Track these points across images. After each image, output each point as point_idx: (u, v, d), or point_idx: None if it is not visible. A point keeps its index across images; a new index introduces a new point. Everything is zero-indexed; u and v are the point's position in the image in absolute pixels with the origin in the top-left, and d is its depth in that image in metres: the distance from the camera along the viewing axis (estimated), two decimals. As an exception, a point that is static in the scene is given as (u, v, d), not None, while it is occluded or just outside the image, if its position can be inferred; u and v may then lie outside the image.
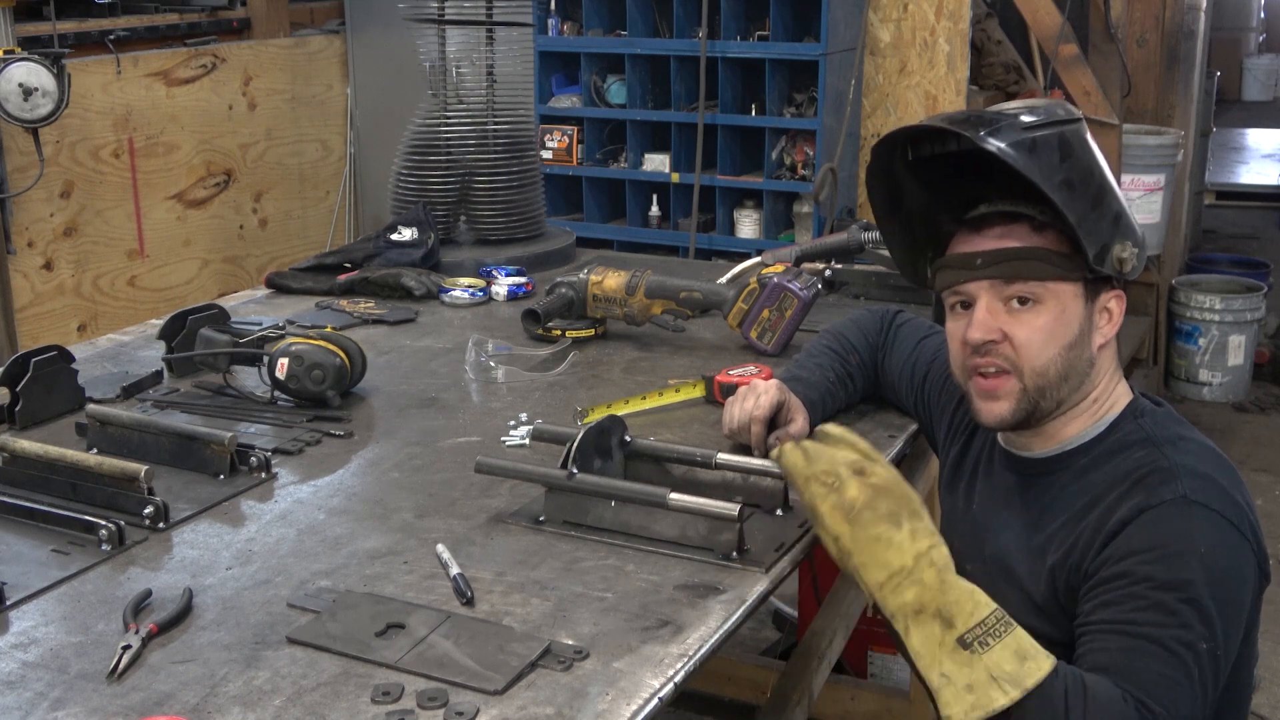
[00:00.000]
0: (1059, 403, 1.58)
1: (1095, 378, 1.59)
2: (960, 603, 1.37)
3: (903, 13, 4.67)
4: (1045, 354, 1.55)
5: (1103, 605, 1.45)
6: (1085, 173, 1.53)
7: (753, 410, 1.85)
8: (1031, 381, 1.56)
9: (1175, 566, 1.41)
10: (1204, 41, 5.96)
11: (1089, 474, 1.57)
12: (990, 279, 1.55)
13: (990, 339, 1.56)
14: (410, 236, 2.89)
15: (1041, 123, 1.53)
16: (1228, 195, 8.91)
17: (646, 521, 1.62)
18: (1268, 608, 1.58)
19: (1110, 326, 1.59)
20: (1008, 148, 1.49)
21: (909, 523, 1.40)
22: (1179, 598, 1.40)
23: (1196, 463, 1.50)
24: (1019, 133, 1.51)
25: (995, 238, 1.56)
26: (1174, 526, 1.44)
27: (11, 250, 4.45)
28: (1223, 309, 5.45)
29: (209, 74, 5.14)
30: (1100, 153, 1.59)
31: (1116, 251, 1.53)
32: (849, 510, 1.41)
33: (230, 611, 1.46)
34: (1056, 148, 1.52)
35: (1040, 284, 1.53)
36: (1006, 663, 1.35)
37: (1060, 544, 1.55)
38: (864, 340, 2.02)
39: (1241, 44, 13.14)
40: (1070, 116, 1.56)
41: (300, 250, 5.47)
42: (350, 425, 2.02)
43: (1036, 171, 1.49)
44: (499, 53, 3.04)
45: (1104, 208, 1.54)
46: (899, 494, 1.42)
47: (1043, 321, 1.54)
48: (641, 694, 1.28)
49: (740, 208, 4.86)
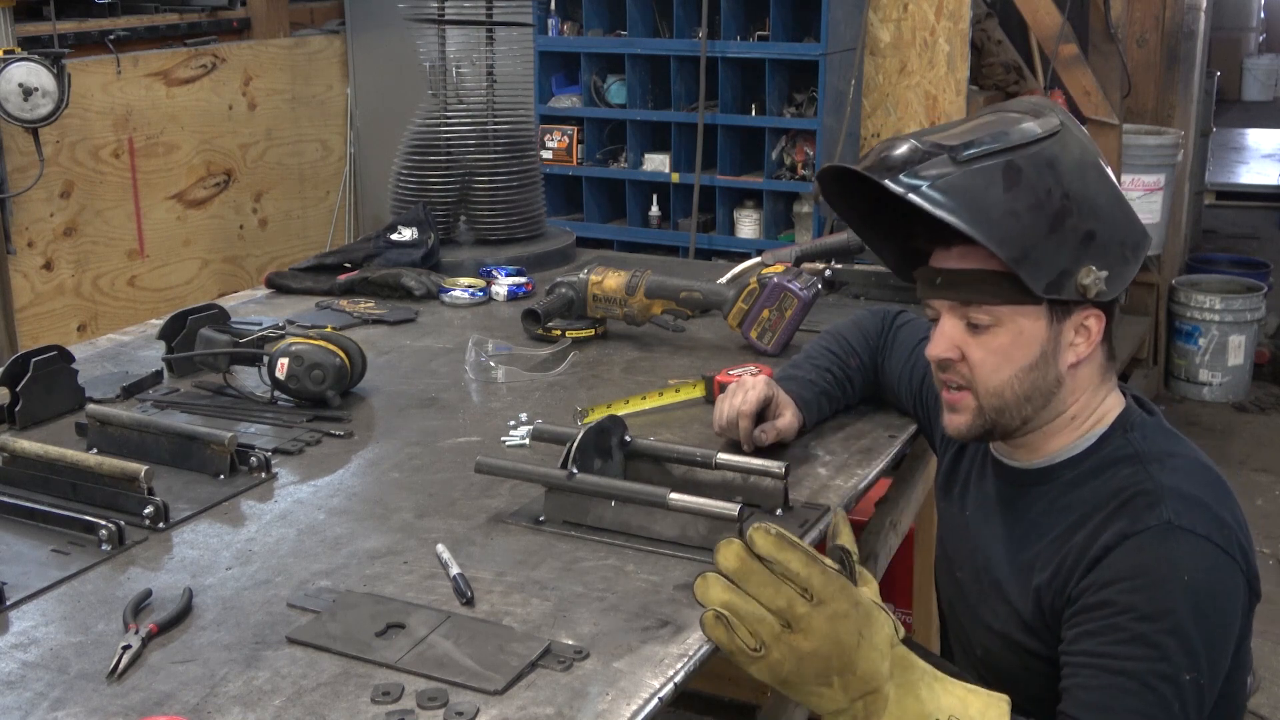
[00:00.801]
0: (1024, 420, 1.56)
1: (1068, 396, 1.56)
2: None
3: (903, 13, 4.67)
4: (999, 376, 1.53)
5: (1085, 635, 1.44)
6: (1040, 198, 1.47)
7: (740, 405, 1.86)
8: (987, 401, 1.55)
9: (1157, 596, 1.40)
10: (1204, 41, 5.96)
11: (1075, 490, 1.55)
12: (949, 300, 1.54)
13: (947, 356, 1.55)
14: (410, 236, 2.89)
15: (984, 152, 1.48)
16: (1228, 195, 8.91)
17: (646, 521, 1.62)
18: (1268, 608, 1.58)
19: (1087, 345, 1.54)
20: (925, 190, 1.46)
21: (840, 678, 1.34)
22: (1160, 629, 1.39)
23: (1183, 482, 1.48)
24: (949, 166, 1.47)
25: (958, 256, 1.53)
26: (1157, 553, 1.43)
27: (11, 250, 4.45)
28: (1223, 309, 5.45)
29: (209, 74, 5.15)
30: (1087, 166, 1.52)
31: (1080, 277, 1.48)
32: (777, 674, 1.34)
33: (230, 611, 1.46)
34: (999, 178, 1.47)
35: (995, 307, 1.51)
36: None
37: (1045, 564, 1.53)
38: (864, 342, 2.02)
39: (1241, 44, 13.14)
40: (1028, 139, 1.49)
41: (300, 250, 5.47)
42: (350, 425, 2.02)
43: (964, 210, 1.45)
44: (499, 53, 3.04)
45: (1064, 231, 1.48)
46: (828, 652, 1.32)
47: (998, 343, 1.52)
48: (641, 694, 1.28)
49: (740, 208, 4.86)
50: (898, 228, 1.66)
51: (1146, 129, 5.37)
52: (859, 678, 1.33)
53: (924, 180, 1.47)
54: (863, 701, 1.34)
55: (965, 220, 1.45)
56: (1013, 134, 1.50)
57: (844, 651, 1.32)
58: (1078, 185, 1.50)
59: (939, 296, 1.55)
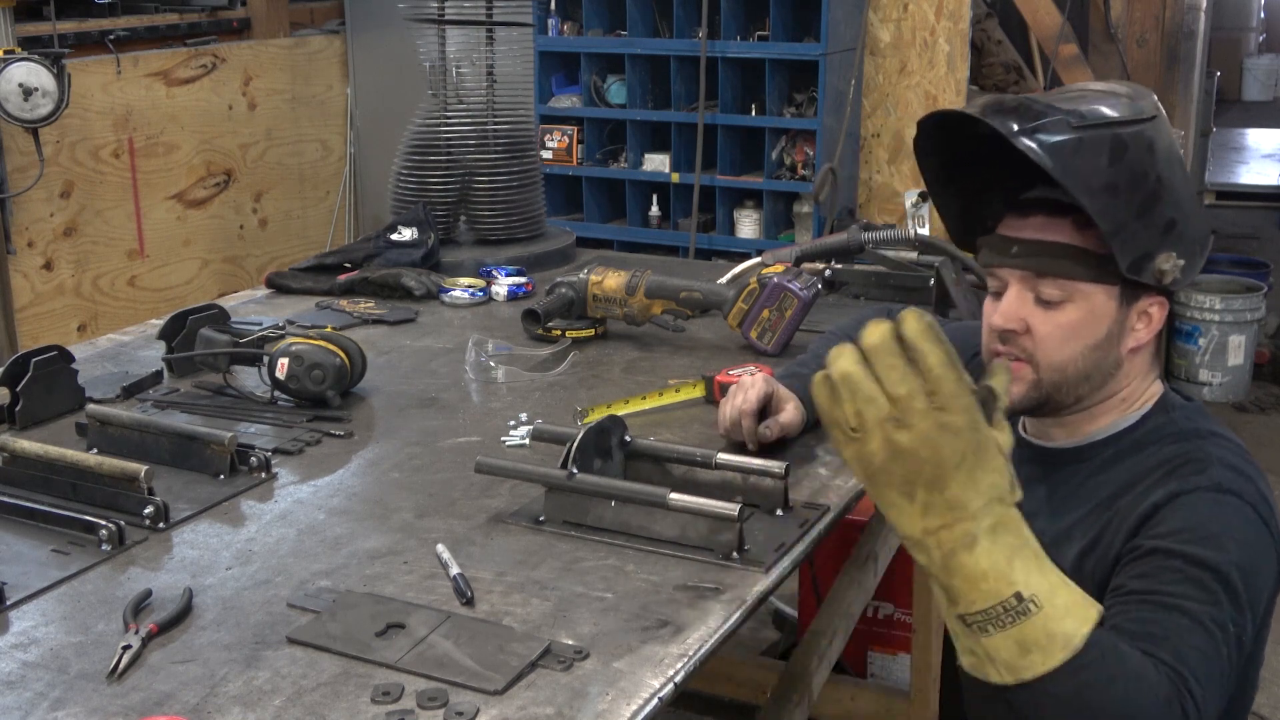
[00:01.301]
0: (1078, 399, 1.56)
1: (1123, 379, 1.57)
2: (959, 589, 1.27)
3: (903, 13, 4.67)
4: (1064, 352, 1.53)
5: (1137, 576, 1.42)
6: (1137, 177, 1.49)
7: (741, 405, 1.86)
8: (1047, 375, 1.54)
9: (1211, 547, 1.40)
10: (1204, 41, 5.95)
11: (1115, 465, 1.55)
12: (1022, 270, 1.53)
13: (1011, 328, 1.54)
14: (410, 236, 2.89)
15: (1096, 122, 1.49)
16: (1228, 195, 8.91)
17: (646, 521, 1.62)
18: (1267, 608, 1.58)
19: (1147, 331, 1.56)
20: (1041, 149, 1.46)
21: (924, 494, 1.24)
22: (1214, 577, 1.38)
23: (1229, 455, 1.50)
24: (1065, 131, 1.47)
25: (1036, 227, 1.53)
26: (1210, 511, 1.43)
27: (11, 250, 4.45)
28: (1223, 309, 5.45)
29: (209, 74, 5.15)
30: (1175, 158, 1.54)
31: (1159, 261, 1.50)
32: (867, 465, 1.25)
33: (230, 611, 1.46)
34: (1107, 150, 1.48)
35: (1070, 283, 1.51)
36: (1004, 651, 1.27)
37: (1086, 531, 1.53)
38: None
39: (1241, 44, 13.14)
40: (1137, 116, 1.51)
41: (300, 250, 5.47)
42: (350, 425, 2.02)
43: (1074, 175, 1.45)
44: (499, 53, 3.04)
45: (1153, 215, 1.50)
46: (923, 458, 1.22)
47: (1067, 319, 1.52)
48: (641, 694, 1.28)
49: (740, 208, 4.86)
50: (970, 189, 1.66)
51: (1146, 129, 5.36)
52: (943, 502, 1.22)
53: (1042, 141, 1.47)
54: (936, 538, 1.24)
55: (1075, 187, 1.46)
56: (1122, 109, 1.51)
57: (938, 464, 1.21)
58: (1167, 172, 1.52)
59: (1013, 266, 1.54)
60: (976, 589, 1.26)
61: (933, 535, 1.25)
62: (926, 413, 1.19)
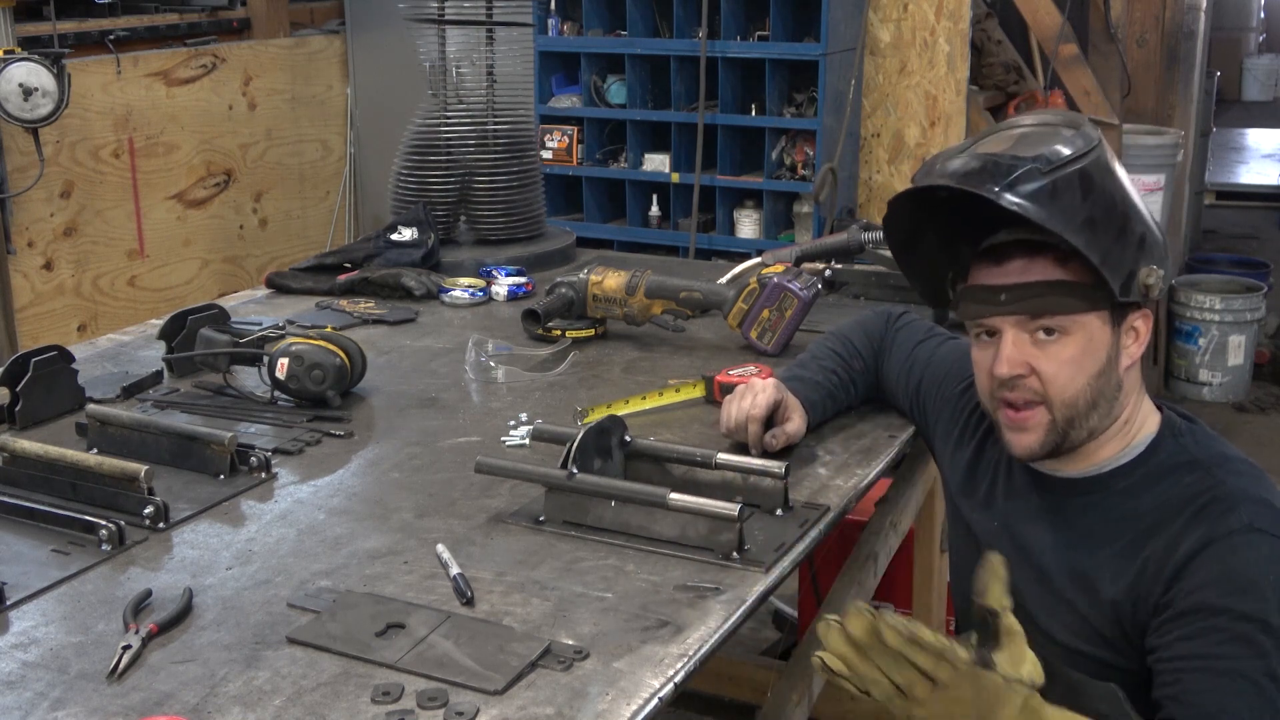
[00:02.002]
0: (1090, 431, 1.56)
1: (1124, 399, 1.57)
2: None
3: (903, 13, 4.67)
4: (1074, 386, 1.53)
5: (1182, 639, 1.44)
6: (1108, 204, 1.51)
7: (749, 409, 1.85)
8: (1061, 413, 1.54)
9: (1251, 597, 1.41)
10: (1204, 41, 5.96)
11: (1135, 499, 1.55)
12: (1017, 314, 1.53)
13: (1017, 374, 1.54)
14: (410, 236, 2.89)
15: (1063, 161, 1.50)
16: (1228, 195, 8.91)
17: (646, 521, 1.62)
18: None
19: (1137, 346, 1.57)
20: (1028, 202, 1.47)
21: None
22: (1259, 628, 1.40)
23: (1250, 485, 1.50)
24: (1039, 179, 1.48)
25: (1019, 271, 1.53)
26: (1244, 556, 1.44)
27: (11, 250, 4.45)
28: (1223, 309, 5.45)
29: (209, 74, 5.15)
30: (1121, 170, 1.56)
31: (1142, 277, 1.51)
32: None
33: (230, 611, 1.46)
34: (1078, 186, 1.49)
35: (1067, 316, 1.52)
36: None
37: (1118, 576, 1.53)
38: (868, 344, 2.02)
39: (1241, 44, 13.14)
40: (1089, 146, 1.53)
41: (300, 250, 5.47)
42: (350, 425, 2.02)
43: (1059, 219, 1.47)
44: (499, 53, 3.04)
45: (1128, 235, 1.51)
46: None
47: (1070, 353, 1.52)
48: (641, 694, 1.28)
49: (740, 208, 4.86)
50: (932, 248, 1.67)
51: (1146, 129, 5.36)
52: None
53: (1023, 193, 1.48)
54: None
55: (1063, 229, 1.47)
56: (1076, 142, 1.53)
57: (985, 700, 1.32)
58: (1127, 189, 1.55)
59: (1008, 312, 1.53)
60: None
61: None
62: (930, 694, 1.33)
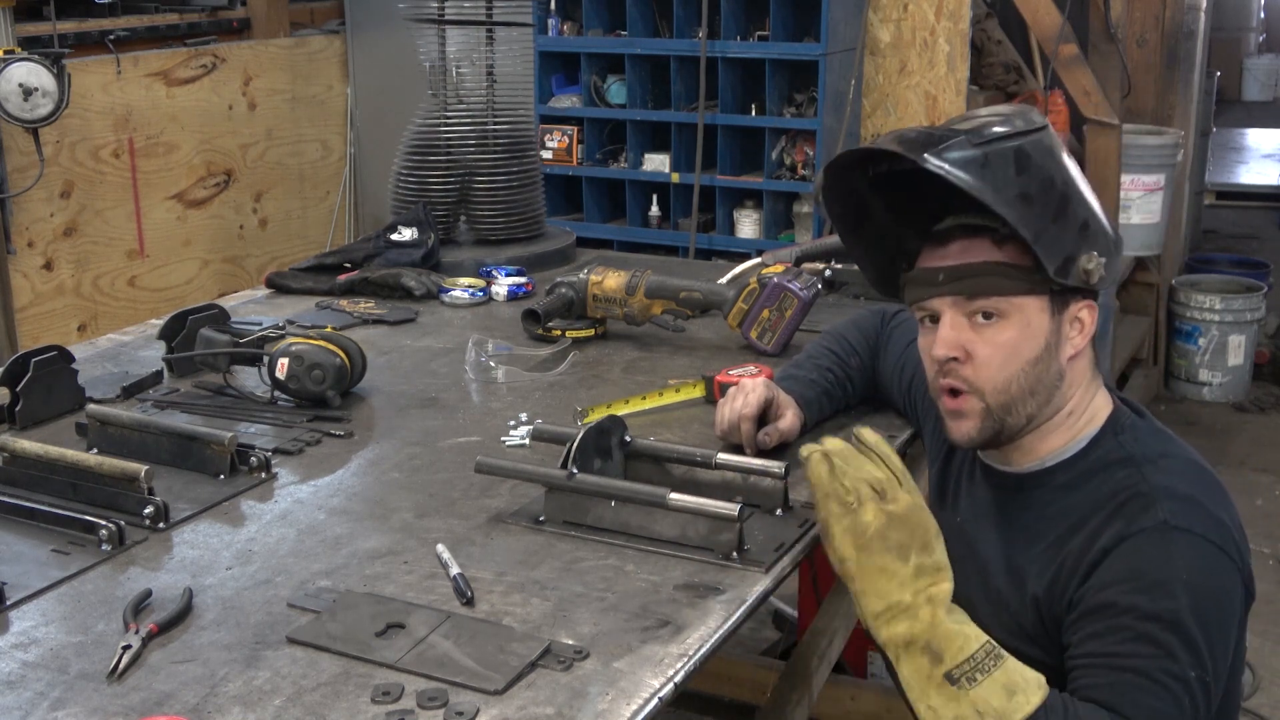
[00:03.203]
0: (1029, 418, 1.55)
1: (1068, 390, 1.56)
2: (950, 639, 1.40)
3: (903, 13, 4.67)
4: (1006, 371, 1.53)
5: (1090, 637, 1.45)
6: (1045, 184, 1.50)
7: (741, 409, 1.85)
8: (994, 400, 1.54)
9: (1158, 596, 1.41)
10: (1204, 41, 5.96)
11: (1069, 495, 1.55)
12: (953, 295, 1.53)
13: (953, 355, 1.54)
14: (410, 236, 2.89)
15: (997, 136, 1.50)
16: (1228, 195, 8.91)
17: (646, 521, 1.62)
18: (1268, 608, 1.58)
19: (1081, 337, 1.55)
20: (953, 166, 1.47)
21: (916, 557, 1.42)
22: (1164, 627, 1.40)
23: (1177, 482, 1.48)
24: (969, 149, 1.49)
25: (957, 253, 1.54)
26: (1154, 554, 1.43)
27: (11, 250, 4.45)
28: (1223, 309, 5.45)
29: (209, 74, 5.14)
30: (1070, 160, 1.56)
31: (1082, 262, 1.50)
32: (859, 535, 1.42)
33: (230, 611, 1.46)
34: (1012, 161, 1.49)
35: (1003, 299, 1.51)
36: (994, 698, 1.37)
37: (1042, 571, 1.54)
38: (864, 342, 2.02)
39: (1241, 44, 13.14)
40: (1030, 127, 1.53)
41: (300, 250, 5.47)
42: (350, 425, 2.02)
43: (987, 188, 1.47)
44: (499, 53, 3.04)
45: (1068, 218, 1.51)
46: (914, 524, 1.42)
47: (1006, 337, 1.52)
48: (641, 694, 1.28)
49: (740, 208, 4.86)
50: (883, 233, 1.67)
51: (1146, 129, 5.36)
52: (932, 564, 1.42)
53: (952, 159, 1.48)
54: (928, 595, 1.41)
55: (991, 199, 1.47)
56: (1016, 122, 1.54)
57: (926, 530, 1.44)
58: (1072, 175, 1.55)
59: (944, 293, 1.54)
60: (963, 634, 1.41)
61: (923, 594, 1.41)
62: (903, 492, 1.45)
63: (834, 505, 1.44)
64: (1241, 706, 1.61)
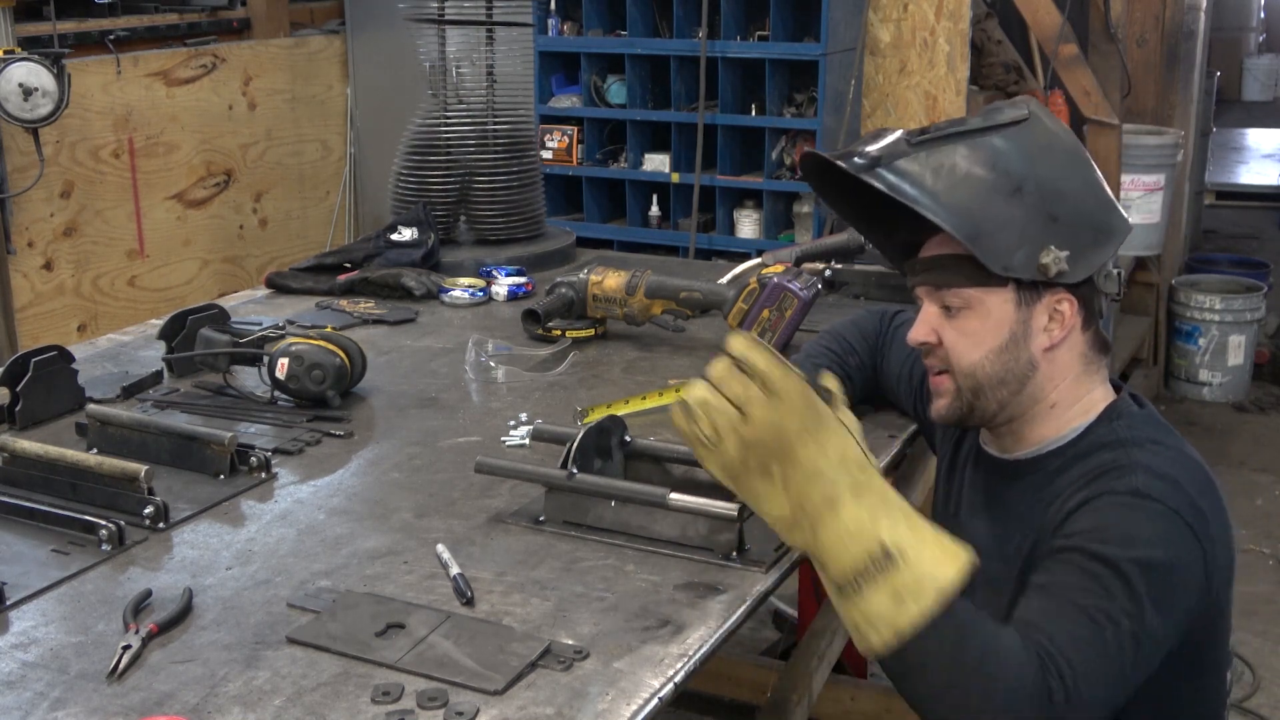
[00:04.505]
0: (1000, 404, 1.58)
1: (1046, 382, 1.57)
2: (829, 549, 1.35)
3: (903, 13, 4.67)
4: (970, 358, 1.57)
5: (1040, 573, 1.45)
6: (996, 180, 1.51)
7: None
8: (963, 382, 1.59)
9: (1111, 548, 1.40)
10: (1204, 41, 5.96)
11: (1058, 478, 1.55)
12: (925, 285, 1.60)
13: (925, 341, 1.60)
14: (410, 236, 2.89)
15: (937, 135, 1.53)
16: (1228, 195, 8.91)
17: (646, 521, 1.62)
18: (1269, 608, 1.57)
19: (1061, 329, 1.56)
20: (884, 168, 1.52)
21: (779, 468, 1.36)
22: (1112, 572, 1.38)
23: (1161, 464, 1.48)
24: (902, 148, 1.53)
25: (935, 244, 1.59)
26: (1118, 514, 1.44)
27: (11, 250, 4.45)
28: (1223, 309, 5.45)
29: (209, 74, 5.15)
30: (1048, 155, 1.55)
31: (1041, 257, 1.50)
32: (730, 469, 1.39)
33: (230, 611, 1.46)
34: (954, 160, 1.52)
35: (965, 290, 1.55)
36: (880, 605, 1.33)
37: (1022, 550, 1.54)
38: (863, 342, 2.02)
39: (1241, 44, 13.14)
40: (985, 125, 1.55)
41: (300, 250, 5.47)
42: (350, 425, 2.02)
43: (915, 188, 1.50)
44: (499, 53, 3.04)
45: (1023, 213, 1.51)
46: (769, 440, 1.35)
47: (969, 326, 1.56)
48: (641, 694, 1.28)
49: (740, 208, 4.86)
50: (886, 220, 1.69)
51: (1146, 129, 5.37)
52: (799, 472, 1.34)
53: (878, 160, 1.53)
54: (802, 508, 1.35)
55: (916, 198, 1.50)
56: (969, 121, 1.56)
57: (782, 438, 1.34)
58: (1042, 169, 1.54)
59: (919, 282, 1.61)
60: (846, 548, 1.34)
61: (798, 506, 1.35)
62: (764, 402, 1.35)
63: (700, 450, 1.39)
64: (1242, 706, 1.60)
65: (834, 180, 1.66)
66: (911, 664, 1.33)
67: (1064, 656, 1.34)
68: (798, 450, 1.34)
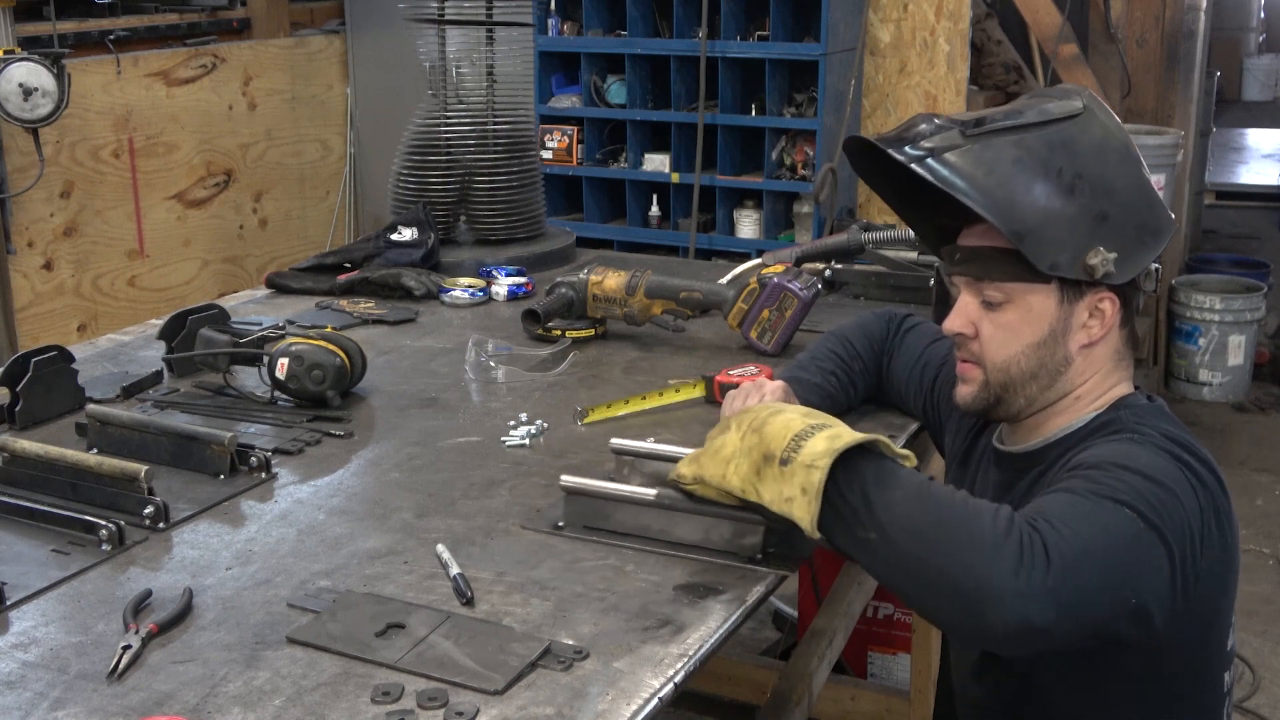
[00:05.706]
0: (1028, 400, 1.58)
1: (1077, 377, 1.58)
2: (772, 434, 1.41)
3: (903, 13, 4.67)
4: (1006, 352, 1.57)
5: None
6: (1049, 177, 1.50)
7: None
8: (994, 376, 1.59)
9: (1111, 468, 1.41)
10: (1204, 41, 5.96)
11: (1059, 461, 1.56)
12: (965, 275, 1.59)
13: (961, 332, 1.60)
14: (410, 236, 2.89)
15: (994, 129, 1.51)
16: (1228, 195, 8.92)
17: (668, 525, 1.60)
18: (1269, 608, 1.57)
19: (1101, 327, 1.56)
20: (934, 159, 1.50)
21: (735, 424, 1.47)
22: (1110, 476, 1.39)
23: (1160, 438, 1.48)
24: (956, 140, 1.51)
25: (979, 234, 1.57)
26: (1118, 449, 1.45)
27: (11, 250, 4.45)
28: (1223, 309, 5.45)
29: (209, 74, 5.15)
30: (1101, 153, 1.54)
31: (1087, 257, 1.50)
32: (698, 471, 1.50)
33: (230, 611, 1.46)
34: (1008, 154, 1.50)
35: (1007, 284, 1.54)
36: (819, 446, 1.37)
37: None
38: (869, 345, 2.01)
39: (1241, 44, 13.15)
40: (1042, 119, 1.53)
41: (300, 250, 5.47)
42: (350, 425, 2.02)
43: (966, 181, 1.49)
44: (499, 53, 3.04)
45: (1075, 211, 1.50)
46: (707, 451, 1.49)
47: (1007, 320, 1.56)
48: (641, 694, 1.28)
49: (740, 208, 4.86)
50: (927, 204, 1.69)
51: (1146, 129, 5.36)
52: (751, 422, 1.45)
53: (931, 152, 1.50)
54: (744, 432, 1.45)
55: (967, 192, 1.49)
56: (1027, 114, 1.54)
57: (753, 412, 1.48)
58: (1095, 167, 1.53)
59: (958, 273, 1.59)
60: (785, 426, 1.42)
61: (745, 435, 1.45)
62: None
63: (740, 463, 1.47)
64: (1242, 707, 1.60)
65: (877, 162, 1.64)
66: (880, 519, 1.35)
67: (1045, 518, 1.34)
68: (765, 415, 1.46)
